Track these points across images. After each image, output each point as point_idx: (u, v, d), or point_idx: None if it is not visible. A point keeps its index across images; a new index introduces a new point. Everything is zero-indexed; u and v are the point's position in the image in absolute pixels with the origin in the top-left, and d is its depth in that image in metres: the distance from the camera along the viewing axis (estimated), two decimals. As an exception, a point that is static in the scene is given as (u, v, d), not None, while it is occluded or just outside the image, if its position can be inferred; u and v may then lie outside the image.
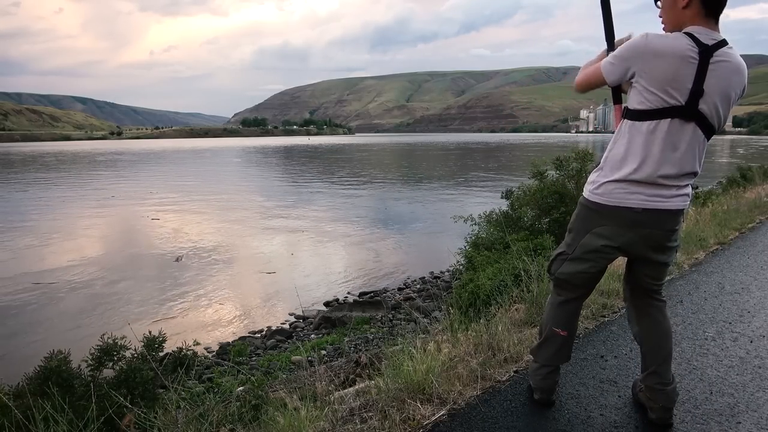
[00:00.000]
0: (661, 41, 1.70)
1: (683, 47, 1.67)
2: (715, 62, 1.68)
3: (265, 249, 13.35)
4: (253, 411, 2.21)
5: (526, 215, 6.81)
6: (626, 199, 1.85)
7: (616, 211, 1.87)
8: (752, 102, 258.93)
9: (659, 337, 2.05)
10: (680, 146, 1.78)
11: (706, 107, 1.72)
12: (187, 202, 22.00)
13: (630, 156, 1.83)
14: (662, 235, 1.91)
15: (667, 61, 1.68)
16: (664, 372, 2.03)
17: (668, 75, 1.68)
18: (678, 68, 1.67)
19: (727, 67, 1.70)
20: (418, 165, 48.79)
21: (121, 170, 43.35)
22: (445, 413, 2.17)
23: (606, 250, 1.95)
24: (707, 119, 1.75)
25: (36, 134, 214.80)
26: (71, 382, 2.31)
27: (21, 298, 9.35)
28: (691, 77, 1.68)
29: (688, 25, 1.72)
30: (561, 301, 2.13)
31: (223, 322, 8.34)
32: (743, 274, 4.41)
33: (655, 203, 1.84)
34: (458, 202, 20.39)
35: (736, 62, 1.73)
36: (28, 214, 18.90)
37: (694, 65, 1.67)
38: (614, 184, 1.87)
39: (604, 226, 1.92)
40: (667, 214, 1.86)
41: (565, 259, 2.05)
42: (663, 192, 1.83)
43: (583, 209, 1.98)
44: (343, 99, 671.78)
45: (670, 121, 1.74)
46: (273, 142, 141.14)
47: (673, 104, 1.71)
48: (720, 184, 13.77)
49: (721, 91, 1.72)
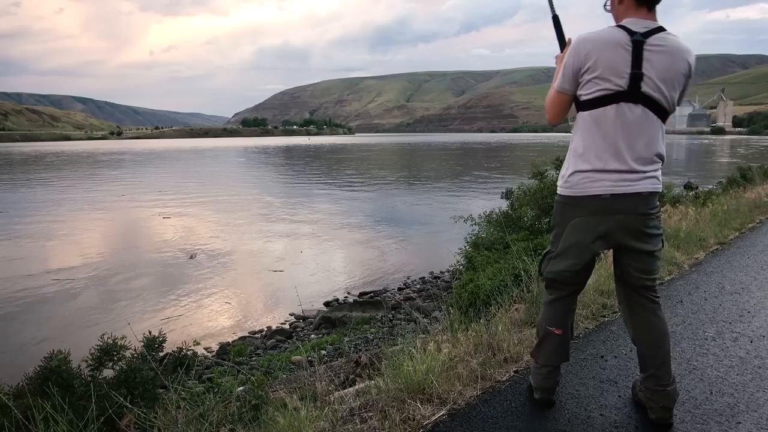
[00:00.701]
0: (594, 35, 1.85)
1: (614, 37, 1.81)
2: (650, 47, 1.80)
3: (266, 249, 13.35)
4: (253, 411, 2.20)
5: (526, 215, 6.80)
6: (592, 187, 1.88)
7: (586, 201, 1.90)
8: (752, 102, 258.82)
9: (655, 340, 2.03)
10: (633, 129, 1.84)
11: (650, 89, 1.81)
12: (195, 202, 22.20)
13: (587, 145, 1.89)
14: (637, 220, 1.90)
15: (601, 51, 1.81)
16: (662, 374, 2.02)
17: (605, 63, 1.81)
18: (612, 56, 1.80)
19: (664, 51, 1.81)
20: (418, 165, 48.77)
21: (126, 170, 43.50)
22: (445, 413, 2.17)
23: (585, 242, 1.96)
24: (655, 101, 1.83)
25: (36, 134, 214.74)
26: (71, 382, 2.31)
27: (29, 296, 9.45)
28: (628, 63, 1.79)
29: (623, 18, 1.87)
30: (552, 300, 2.14)
31: (223, 322, 8.34)
32: (743, 274, 4.41)
33: (621, 188, 1.86)
34: (458, 202, 20.38)
35: (673, 45, 1.82)
36: (40, 213, 19.03)
37: (628, 51, 1.79)
38: (579, 174, 1.91)
39: (577, 218, 1.94)
40: (637, 197, 1.87)
41: (552, 258, 2.07)
42: (628, 176, 1.86)
43: (558, 205, 2.04)
44: (343, 99, 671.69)
45: (617, 106, 1.83)
46: (273, 142, 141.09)
47: (616, 90, 1.81)
48: (720, 184, 13.77)
49: (662, 72, 1.81)
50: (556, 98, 2.00)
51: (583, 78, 1.87)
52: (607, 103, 1.84)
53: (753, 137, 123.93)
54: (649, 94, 1.82)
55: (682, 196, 9.17)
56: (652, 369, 2.03)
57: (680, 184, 18.13)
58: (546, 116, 2.08)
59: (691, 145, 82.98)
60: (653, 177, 1.90)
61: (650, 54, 1.80)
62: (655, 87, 1.82)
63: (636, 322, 2.07)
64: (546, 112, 2.07)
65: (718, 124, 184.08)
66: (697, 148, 72.75)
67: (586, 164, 1.89)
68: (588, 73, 1.84)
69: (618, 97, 1.82)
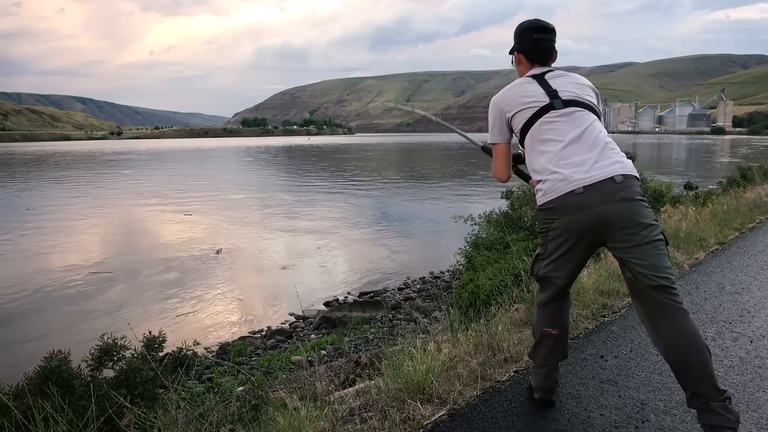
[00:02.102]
0: (502, 90, 2.21)
1: (518, 81, 2.18)
2: (550, 77, 2.12)
3: (266, 249, 13.34)
4: (253, 411, 2.20)
5: (526, 215, 6.79)
6: (564, 187, 1.90)
7: (561, 202, 1.91)
8: (752, 102, 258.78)
9: (683, 349, 1.79)
10: (573, 124, 1.99)
11: (569, 96, 2.05)
12: (212, 200, 22.82)
13: (543, 158, 1.99)
14: (620, 208, 1.82)
15: (510, 91, 2.16)
16: (704, 391, 1.76)
17: (517, 95, 2.11)
18: (520, 89, 2.13)
19: (562, 75, 2.13)
20: (420, 165, 48.75)
21: (139, 169, 44.06)
22: (445, 413, 2.17)
23: (570, 243, 1.94)
24: (579, 102, 2.04)
25: (36, 134, 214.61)
26: (71, 382, 2.31)
27: (55, 288, 9.83)
28: (539, 88, 2.08)
29: (524, 73, 2.21)
30: (546, 301, 2.12)
31: (223, 322, 8.33)
32: (743, 274, 4.41)
33: (591, 176, 1.87)
34: (459, 201, 20.38)
35: (570, 75, 2.16)
36: (67, 211, 19.79)
37: (533, 83, 2.11)
38: (546, 183, 1.96)
39: (557, 220, 1.94)
40: (611, 183, 1.85)
41: (543, 260, 2.07)
42: (593, 165, 1.89)
43: (538, 213, 2.08)
44: (343, 99, 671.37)
45: (549, 115, 2.02)
46: (273, 142, 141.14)
47: (541, 105, 2.04)
48: (720, 184, 13.75)
49: (571, 85, 2.10)
50: (497, 153, 2.23)
51: (512, 117, 2.11)
52: (539, 117, 2.03)
53: (753, 137, 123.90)
54: (572, 98, 2.04)
55: (682, 196, 9.16)
56: (692, 386, 1.79)
57: (680, 183, 18.14)
58: (497, 178, 2.29)
59: (691, 145, 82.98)
60: (621, 162, 1.91)
61: (553, 80, 2.10)
62: (573, 93, 2.06)
63: (660, 331, 1.85)
64: (494, 172, 2.28)
65: (718, 124, 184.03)
66: (697, 148, 72.75)
67: (547, 171, 1.96)
68: (512, 111, 2.11)
69: (547, 108, 2.03)
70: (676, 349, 1.81)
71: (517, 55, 2.26)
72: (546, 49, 2.19)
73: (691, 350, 1.79)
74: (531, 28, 2.20)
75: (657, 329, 1.86)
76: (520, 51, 2.24)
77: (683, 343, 1.80)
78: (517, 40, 2.24)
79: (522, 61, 2.23)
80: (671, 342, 1.82)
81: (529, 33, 2.20)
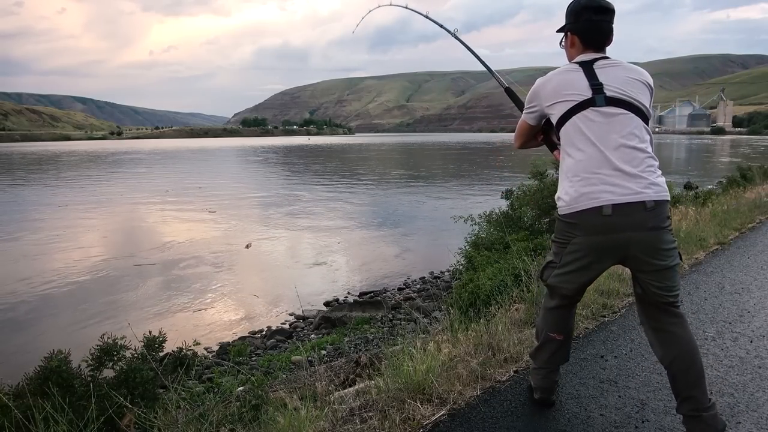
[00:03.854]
0: (548, 74, 2.03)
1: (562, 68, 2.00)
2: (600, 66, 1.92)
3: (266, 249, 13.34)
4: (253, 411, 2.20)
5: (526, 215, 6.80)
6: (590, 203, 1.78)
7: (585, 218, 1.80)
8: (752, 102, 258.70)
9: (685, 356, 1.87)
10: (613, 129, 1.83)
11: (615, 93, 1.86)
12: (235, 198, 23.45)
13: (574, 159, 1.87)
14: (648, 237, 1.78)
15: (552, 80, 1.98)
16: (698, 396, 1.84)
17: (558, 86, 1.95)
18: (563, 78, 1.95)
19: (614, 66, 1.93)
20: (419, 165, 48.75)
21: (151, 168, 44.67)
22: (445, 413, 2.17)
23: (590, 262, 1.87)
24: (625, 101, 1.85)
25: (36, 134, 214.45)
26: (71, 382, 2.31)
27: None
28: (584, 78, 1.90)
29: (575, 57, 2.02)
30: (554, 306, 2.08)
31: (223, 322, 8.33)
32: (743, 274, 4.41)
33: (622, 196, 1.75)
34: (459, 201, 20.38)
35: (623, 63, 1.95)
36: (98, 208, 20.58)
37: (579, 72, 1.92)
38: (573, 190, 1.84)
39: (579, 237, 1.84)
40: (642, 209, 1.75)
41: (555, 268, 1.99)
42: (626, 183, 1.76)
43: (558, 223, 1.96)
44: (343, 99, 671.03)
45: (589, 112, 1.85)
46: (274, 142, 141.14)
47: (581, 100, 1.87)
48: (720, 184, 13.76)
49: (620, 80, 1.89)
50: (521, 128, 2.20)
51: (549, 108, 1.97)
52: (577, 112, 1.87)
53: (753, 137, 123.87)
54: (617, 96, 1.86)
55: (682, 196, 9.17)
56: (685, 391, 1.87)
57: (680, 183, 18.15)
58: (513, 144, 2.30)
59: (691, 145, 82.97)
60: (656, 184, 1.79)
61: (601, 70, 1.91)
62: (620, 90, 1.87)
63: (663, 339, 1.92)
64: (514, 138, 2.27)
65: (718, 124, 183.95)
66: (697, 148, 72.74)
67: (576, 177, 1.84)
68: (550, 102, 1.96)
69: (587, 104, 1.86)
70: (676, 356, 1.88)
71: (570, 37, 2.04)
72: (604, 31, 1.97)
73: (689, 358, 1.87)
74: (589, 8, 1.96)
75: (659, 337, 1.93)
76: (574, 32, 2.01)
77: (685, 351, 1.87)
78: (571, 20, 2.01)
79: (575, 44, 2.02)
80: (672, 349, 1.89)
81: (587, 12, 1.96)
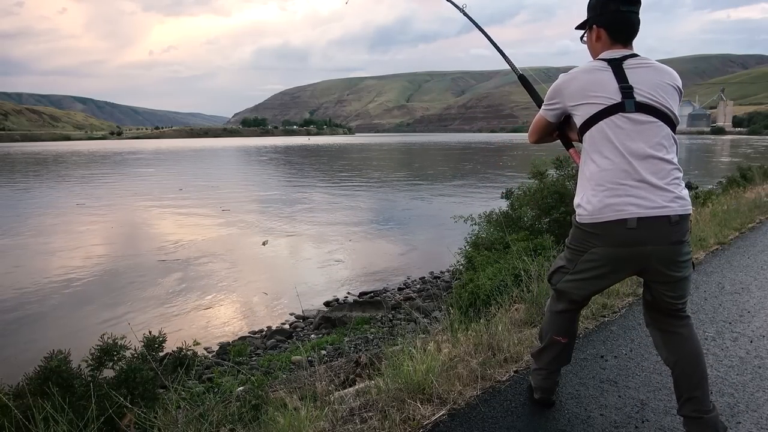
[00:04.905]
0: (572, 70, 1.90)
1: (589, 65, 1.86)
2: (630, 66, 1.80)
3: (266, 248, 13.35)
4: (253, 411, 2.21)
5: (526, 215, 6.80)
6: (614, 215, 1.71)
7: (607, 229, 1.73)
8: (752, 102, 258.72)
9: (690, 357, 1.88)
10: (640, 137, 1.73)
11: (645, 98, 1.75)
12: (247, 196, 23.87)
13: (598, 166, 1.77)
14: (669, 251, 1.74)
15: (579, 78, 1.85)
16: (700, 397, 1.85)
17: (585, 86, 1.82)
18: (590, 78, 1.81)
19: (644, 66, 1.81)
20: (420, 165, 48.77)
21: (160, 167, 45.20)
22: (445, 413, 2.17)
23: (606, 272, 1.84)
24: (654, 108, 1.75)
25: (36, 134, 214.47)
26: (71, 382, 2.31)
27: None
28: (612, 79, 1.78)
29: (600, 53, 1.89)
30: (561, 310, 2.06)
31: (223, 321, 8.34)
32: (743, 274, 4.41)
33: (647, 210, 1.69)
34: (459, 201, 20.38)
35: (653, 64, 1.83)
36: (121, 206, 20.98)
37: (608, 71, 1.79)
38: (595, 199, 1.76)
39: (599, 248, 1.78)
40: (666, 223, 1.69)
41: (566, 274, 1.94)
42: (651, 195, 1.70)
43: (576, 230, 1.87)
44: (343, 99, 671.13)
45: (616, 118, 1.75)
46: (274, 142, 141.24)
47: (609, 103, 1.76)
48: (720, 184, 13.76)
49: (650, 83, 1.77)
50: (538, 123, 2.07)
51: (571, 108, 1.86)
52: (605, 116, 1.76)
53: (753, 137, 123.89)
54: (647, 102, 1.75)
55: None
56: (688, 392, 1.87)
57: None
58: (528, 137, 2.16)
59: (691, 145, 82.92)
60: (681, 198, 1.72)
61: (631, 70, 1.79)
62: (650, 96, 1.76)
63: (669, 339, 1.92)
64: (529, 132, 2.15)
65: (718, 124, 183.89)
66: (697, 148, 72.70)
67: (601, 187, 1.75)
68: (575, 103, 1.84)
69: (615, 109, 1.75)
70: (681, 357, 1.89)
71: (596, 30, 1.89)
72: (633, 25, 1.84)
73: (694, 359, 1.88)
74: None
75: (664, 338, 1.94)
76: (601, 25, 1.87)
77: (690, 352, 1.89)
78: (596, 12, 1.87)
79: (602, 38, 1.87)
80: (677, 350, 1.90)
81: (615, 3, 1.82)
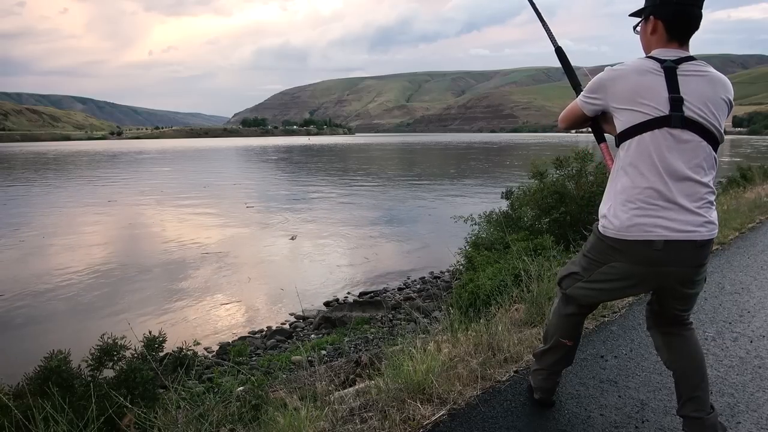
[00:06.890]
0: (621, 66, 1.74)
1: (642, 64, 1.70)
2: (684, 72, 1.66)
3: (266, 249, 13.35)
4: (253, 411, 2.20)
5: (526, 215, 6.80)
6: (641, 234, 1.65)
7: (633, 247, 1.69)
8: (752, 102, 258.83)
9: (692, 358, 1.89)
10: (682, 158, 1.63)
11: (694, 114, 1.63)
12: (267, 195, 24.30)
13: (630, 180, 1.69)
14: (690, 273, 1.72)
15: (628, 79, 1.69)
16: (701, 397, 1.85)
17: (634, 89, 1.67)
18: (641, 81, 1.67)
19: (699, 75, 1.67)
20: (420, 165, 48.79)
21: (175, 167, 45.82)
22: (445, 413, 2.17)
23: (624, 287, 1.82)
24: (702, 126, 1.64)
25: (36, 134, 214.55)
26: (71, 382, 2.31)
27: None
28: (663, 87, 1.64)
29: (653, 48, 1.74)
30: (569, 314, 2.04)
31: (223, 321, 8.33)
32: (743, 274, 4.41)
33: (676, 233, 1.63)
34: (459, 201, 20.39)
35: (710, 72, 1.69)
36: (150, 204, 21.36)
37: (660, 76, 1.65)
38: (624, 215, 1.69)
39: (620, 263, 1.74)
40: (692, 247, 1.64)
41: (579, 280, 1.91)
42: (682, 218, 1.63)
43: (597, 242, 1.81)
44: (343, 99, 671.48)
45: (660, 133, 1.64)
46: (275, 142, 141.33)
47: (656, 115, 1.64)
48: (720, 184, 13.76)
49: (703, 97, 1.64)
50: (572, 111, 1.92)
51: (613, 109, 1.74)
52: (649, 129, 1.65)
53: (753, 137, 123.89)
54: (694, 118, 1.62)
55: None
56: (688, 393, 1.87)
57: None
58: (558, 121, 2.01)
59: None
60: (711, 222, 1.66)
61: (685, 78, 1.64)
62: (699, 111, 1.63)
63: (671, 342, 1.93)
64: (560, 117, 2.00)
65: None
66: (697, 148, 72.66)
67: (631, 204, 1.67)
68: (618, 106, 1.71)
69: (661, 122, 1.63)
70: (683, 359, 1.90)
71: (653, 22, 1.72)
72: (695, 20, 1.69)
73: (696, 361, 1.89)
74: None
75: (666, 341, 1.94)
76: (659, 18, 1.70)
77: (691, 354, 1.90)
78: (655, 2, 1.71)
79: (658, 32, 1.72)
80: (679, 352, 1.91)
81: None
